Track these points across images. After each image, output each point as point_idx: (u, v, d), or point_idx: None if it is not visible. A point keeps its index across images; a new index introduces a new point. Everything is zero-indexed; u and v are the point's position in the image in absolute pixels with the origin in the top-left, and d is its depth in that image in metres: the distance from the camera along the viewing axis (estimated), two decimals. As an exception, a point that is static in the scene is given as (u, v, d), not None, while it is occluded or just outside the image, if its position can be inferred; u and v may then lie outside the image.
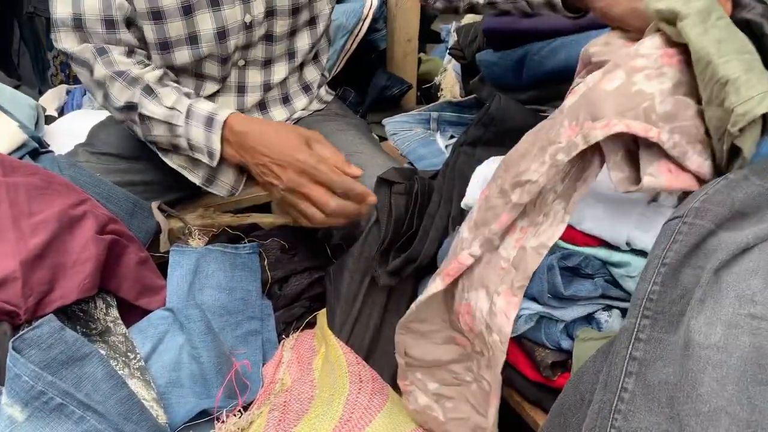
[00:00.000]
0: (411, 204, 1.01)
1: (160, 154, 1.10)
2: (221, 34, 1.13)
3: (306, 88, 1.33)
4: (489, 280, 0.75)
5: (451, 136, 1.36)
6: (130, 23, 1.07)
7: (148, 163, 1.22)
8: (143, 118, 1.05)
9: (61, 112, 1.69)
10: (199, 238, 1.19)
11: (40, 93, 1.63)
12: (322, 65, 1.34)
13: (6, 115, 1.12)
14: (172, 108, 1.04)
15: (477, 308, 0.76)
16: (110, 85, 1.05)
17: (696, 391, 0.62)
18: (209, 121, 1.01)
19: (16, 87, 1.31)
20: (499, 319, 0.73)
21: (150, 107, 1.04)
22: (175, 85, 1.08)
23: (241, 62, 1.22)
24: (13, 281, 0.88)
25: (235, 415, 1.05)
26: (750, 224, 0.67)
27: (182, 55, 1.12)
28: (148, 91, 1.04)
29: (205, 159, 1.03)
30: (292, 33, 1.23)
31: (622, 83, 0.70)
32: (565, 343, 0.83)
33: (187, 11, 1.08)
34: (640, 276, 0.67)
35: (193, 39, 1.11)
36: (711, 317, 0.63)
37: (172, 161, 1.08)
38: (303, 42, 1.25)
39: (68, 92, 1.82)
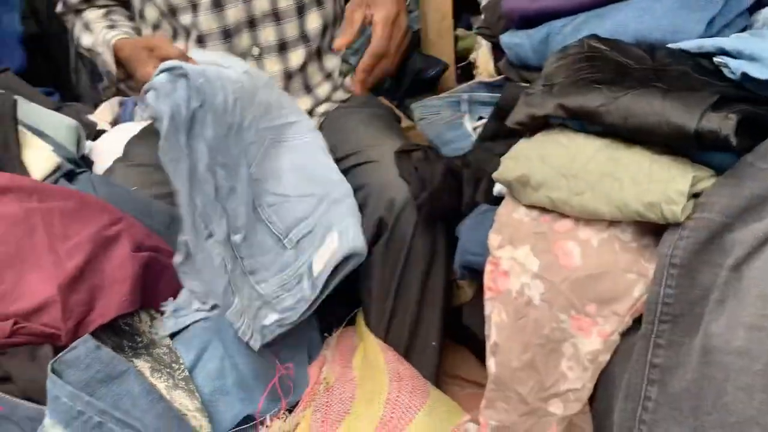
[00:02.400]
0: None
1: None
2: (216, 2, 1.17)
3: (328, 76, 1.32)
4: None
5: (480, 118, 1.31)
6: None
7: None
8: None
9: (115, 124, 1.73)
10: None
11: (96, 108, 1.68)
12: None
13: (40, 140, 1.16)
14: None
15: None
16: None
17: (720, 400, 0.58)
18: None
19: (57, 109, 1.36)
20: None
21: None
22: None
23: (256, 51, 1.22)
24: (52, 305, 0.92)
25: (279, 419, 1.07)
26: (769, 212, 0.62)
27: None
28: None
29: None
30: (300, 10, 1.23)
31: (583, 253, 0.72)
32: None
33: None
34: (651, 279, 0.63)
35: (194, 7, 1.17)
36: (732, 320, 0.59)
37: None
38: (314, 23, 1.25)
39: (121, 104, 1.86)
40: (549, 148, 0.78)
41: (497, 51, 1.39)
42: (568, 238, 0.74)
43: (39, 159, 1.09)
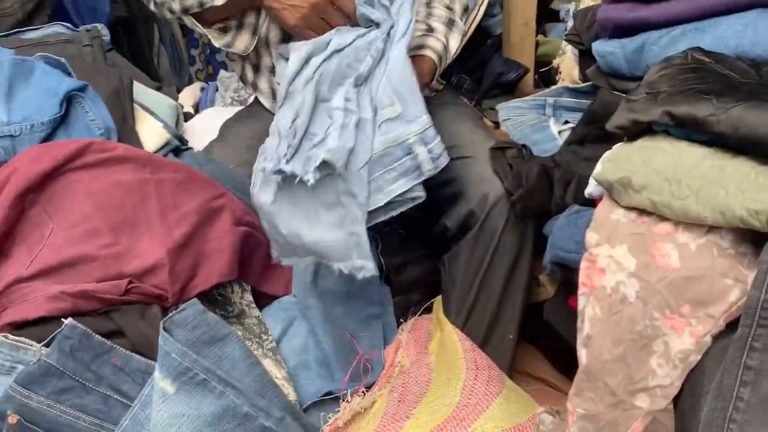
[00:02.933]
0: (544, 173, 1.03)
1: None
2: None
3: None
4: None
5: (566, 122, 1.34)
6: None
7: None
8: None
9: (197, 108, 1.81)
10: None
11: (178, 91, 1.76)
12: None
13: (151, 116, 1.24)
14: None
15: None
16: None
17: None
18: None
19: (158, 89, 1.44)
20: None
21: None
22: None
23: None
24: (161, 268, 0.99)
25: (359, 396, 1.12)
26: None
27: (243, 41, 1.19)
28: None
29: None
30: None
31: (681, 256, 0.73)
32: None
33: None
34: (752, 283, 0.66)
35: None
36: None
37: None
38: None
39: (202, 89, 1.94)
40: (652, 153, 0.80)
41: (585, 58, 1.42)
42: (667, 240, 0.76)
43: (151, 134, 1.17)
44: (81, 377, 0.89)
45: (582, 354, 0.79)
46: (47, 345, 0.90)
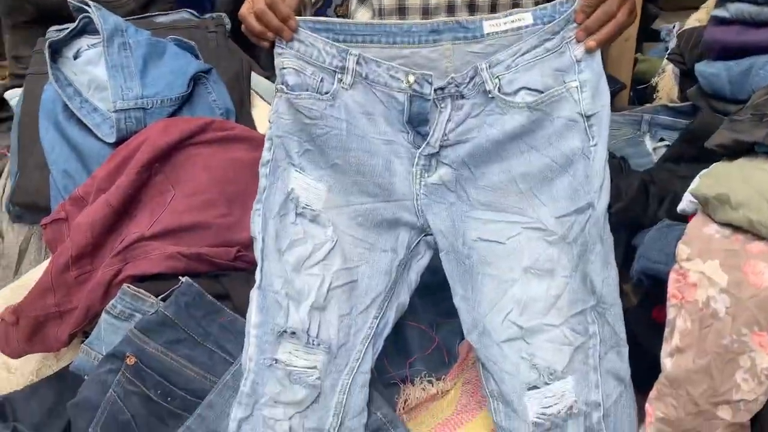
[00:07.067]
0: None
1: None
2: None
3: None
4: None
5: (661, 139, 1.36)
6: None
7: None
8: None
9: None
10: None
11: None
12: None
13: (263, 100, 1.33)
14: None
15: None
16: None
17: None
18: None
19: (266, 77, 1.53)
20: None
21: None
22: None
23: None
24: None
25: (429, 382, 1.16)
26: None
27: None
28: None
29: None
30: (493, 7, 1.16)
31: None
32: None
33: None
34: None
35: None
36: None
37: None
38: None
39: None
40: (752, 173, 0.82)
41: (685, 78, 1.43)
42: (761, 259, 0.78)
43: (264, 118, 1.26)
44: (192, 331, 0.97)
45: (667, 362, 0.82)
46: (163, 300, 1.00)
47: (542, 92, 0.93)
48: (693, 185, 0.89)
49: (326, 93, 0.95)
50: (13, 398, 1.08)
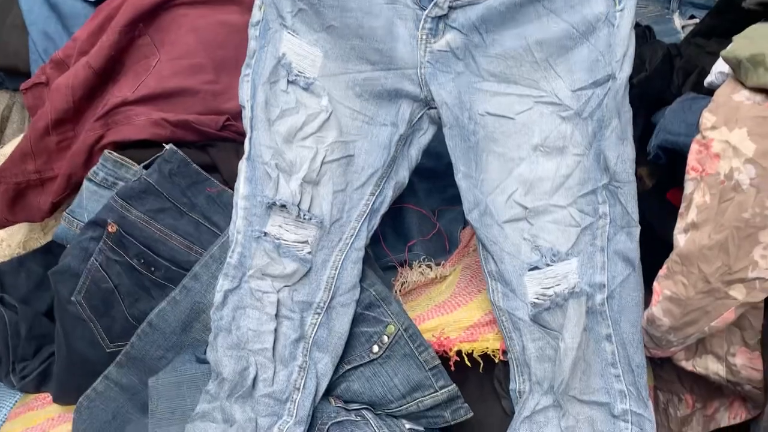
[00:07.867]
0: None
1: None
2: None
3: None
4: None
5: (691, 16, 1.25)
6: None
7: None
8: None
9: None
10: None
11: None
12: None
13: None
14: None
15: None
16: None
17: None
18: None
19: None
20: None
21: None
22: None
23: None
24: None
25: (428, 266, 1.12)
26: None
27: None
28: None
29: None
30: None
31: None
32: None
33: None
34: None
35: None
36: None
37: None
38: None
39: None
40: (792, 33, 0.74)
41: (722, -50, 1.30)
42: (794, 126, 0.71)
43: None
44: (176, 201, 0.93)
45: (680, 239, 0.76)
46: (146, 168, 0.94)
47: None
48: (726, 49, 0.80)
49: None
50: (1, 270, 1.06)
